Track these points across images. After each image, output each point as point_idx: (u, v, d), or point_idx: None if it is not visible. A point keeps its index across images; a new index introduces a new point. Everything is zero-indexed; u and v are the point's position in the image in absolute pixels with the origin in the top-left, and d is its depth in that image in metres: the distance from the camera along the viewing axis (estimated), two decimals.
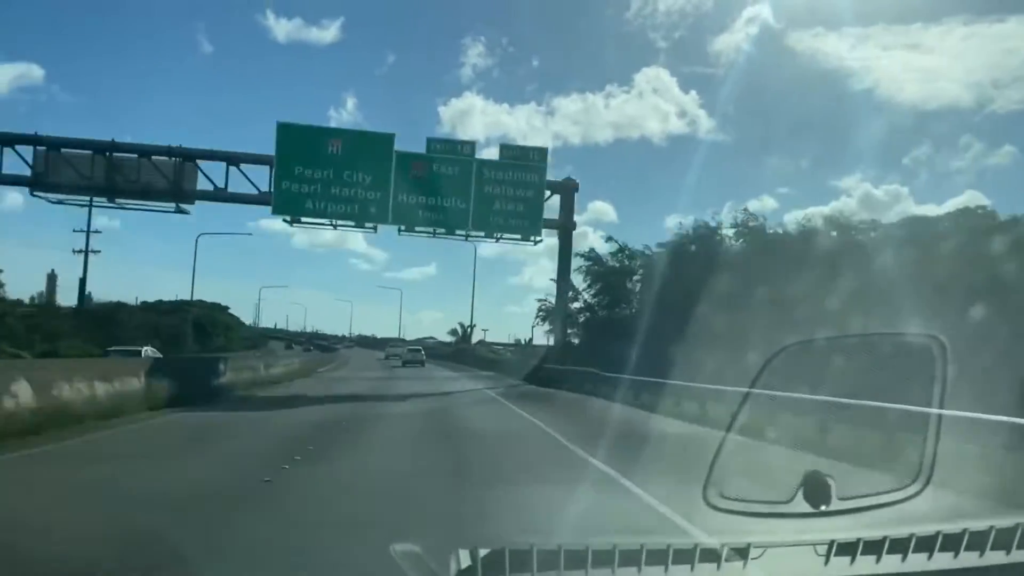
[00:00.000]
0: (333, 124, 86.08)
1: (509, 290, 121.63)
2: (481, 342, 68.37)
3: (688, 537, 5.02)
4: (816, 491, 2.43)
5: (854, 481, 2.65)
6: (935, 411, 2.64)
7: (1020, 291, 17.94)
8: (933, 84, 78.89)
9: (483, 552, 2.21)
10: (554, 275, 33.51)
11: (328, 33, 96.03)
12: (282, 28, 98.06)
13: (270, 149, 27.60)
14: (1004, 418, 8.29)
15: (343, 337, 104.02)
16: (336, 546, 5.34)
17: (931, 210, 49.63)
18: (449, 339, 78.20)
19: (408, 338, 77.22)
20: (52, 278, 53.12)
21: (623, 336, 26.90)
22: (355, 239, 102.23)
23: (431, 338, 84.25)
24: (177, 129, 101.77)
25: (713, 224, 34.50)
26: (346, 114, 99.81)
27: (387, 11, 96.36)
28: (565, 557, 2.23)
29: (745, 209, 36.63)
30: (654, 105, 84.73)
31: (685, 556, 2.31)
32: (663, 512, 6.63)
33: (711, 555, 2.34)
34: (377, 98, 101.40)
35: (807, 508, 2.43)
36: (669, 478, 7.51)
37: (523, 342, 52.60)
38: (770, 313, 19.62)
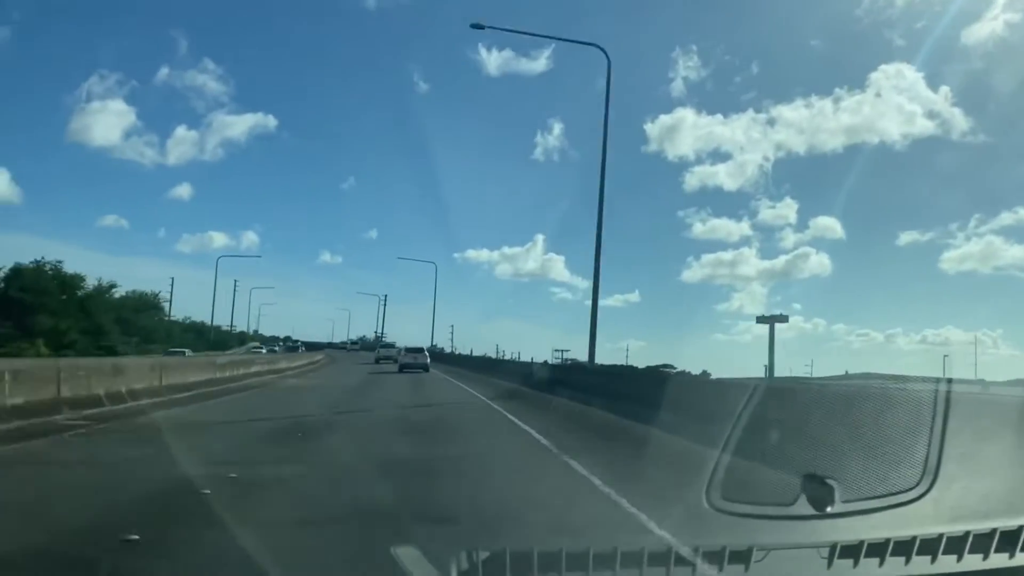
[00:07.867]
0: (538, 150, 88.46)
1: (716, 317, 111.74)
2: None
3: None
4: (818, 494, 2.41)
5: (858, 481, 2.63)
6: (940, 414, 2.62)
7: None
8: None
9: (484, 555, 2.20)
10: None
11: (538, 64, 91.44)
12: (494, 61, 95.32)
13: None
14: None
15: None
16: None
17: None
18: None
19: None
20: None
21: None
22: (557, 268, 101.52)
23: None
24: (394, 164, 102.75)
25: None
26: (552, 139, 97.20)
27: (597, 37, 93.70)
28: (567, 560, 2.23)
29: None
30: (896, 106, 72.86)
31: (687, 559, 2.30)
32: None
33: (714, 558, 2.33)
34: (582, 122, 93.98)
35: (810, 511, 2.41)
36: None
37: None
38: None
